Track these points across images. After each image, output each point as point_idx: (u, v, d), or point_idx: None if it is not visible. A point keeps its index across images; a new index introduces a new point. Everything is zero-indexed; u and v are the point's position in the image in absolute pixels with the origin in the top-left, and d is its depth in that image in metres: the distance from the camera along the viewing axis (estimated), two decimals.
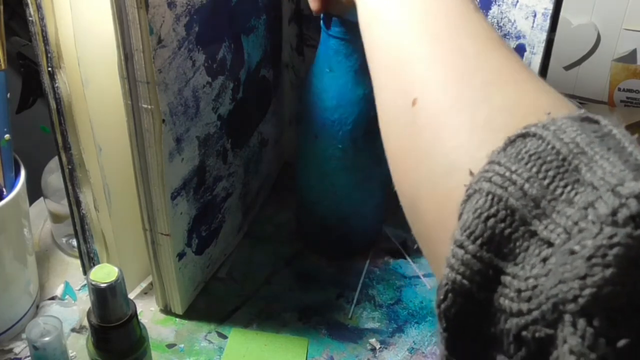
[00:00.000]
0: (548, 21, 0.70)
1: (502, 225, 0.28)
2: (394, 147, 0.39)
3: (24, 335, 0.67)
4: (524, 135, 0.30)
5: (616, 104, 0.76)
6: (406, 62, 0.39)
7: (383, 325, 0.71)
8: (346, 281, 0.76)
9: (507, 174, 0.29)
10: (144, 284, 0.74)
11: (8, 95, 0.64)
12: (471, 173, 0.31)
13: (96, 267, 0.56)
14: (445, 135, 0.34)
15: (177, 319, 0.71)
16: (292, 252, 0.79)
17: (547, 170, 0.28)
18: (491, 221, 0.28)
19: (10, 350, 0.67)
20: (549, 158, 0.29)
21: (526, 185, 0.28)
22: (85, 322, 0.65)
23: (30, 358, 0.60)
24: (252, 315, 0.71)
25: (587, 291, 0.24)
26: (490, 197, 0.29)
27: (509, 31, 0.71)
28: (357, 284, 0.75)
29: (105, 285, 0.54)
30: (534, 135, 0.30)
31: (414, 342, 0.69)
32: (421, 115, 0.36)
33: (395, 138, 0.39)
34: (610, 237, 0.25)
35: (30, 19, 0.58)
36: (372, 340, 0.69)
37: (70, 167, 0.64)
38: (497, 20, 0.71)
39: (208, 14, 0.62)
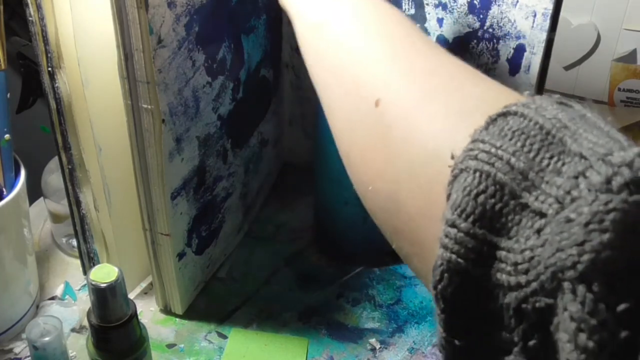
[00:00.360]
0: (548, 21, 0.69)
1: (493, 200, 0.28)
2: (360, 148, 0.39)
3: (24, 335, 0.67)
4: (505, 114, 0.30)
5: (616, 104, 0.76)
6: (363, 64, 0.39)
7: (383, 325, 0.71)
8: (346, 281, 0.76)
9: (493, 150, 0.29)
10: (144, 284, 0.74)
11: (8, 95, 0.64)
12: (453, 156, 0.31)
13: (96, 267, 0.56)
14: (419, 126, 0.34)
15: (177, 319, 0.71)
16: (292, 252, 0.79)
17: (531, 144, 0.29)
18: (481, 197, 0.29)
19: (10, 350, 0.67)
20: (532, 132, 0.29)
21: (512, 159, 0.28)
22: (85, 322, 0.65)
23: (30, 358, 0.60)
24: (252, 315, 0.71)
25: (585, 257, 0.25)
26: (478, 174, 0.29)
27: (509, 31, 0.71)
28: (358, 284, 0.75)
29: (105, 285, 0.54)
30: (515, 113, 0.30)
31: (414, 342, 0.69)
32: (388, 113, 0.36)
33: (361, 140, 0.38)
34: (606, 203, 0.25)
35: (30, 19, 0.58)
36: (372, 340, 0.69)
37: (70, 167, 0.64)
38: (497, 20, 0.71)
39: (208, 14, 0.62)
